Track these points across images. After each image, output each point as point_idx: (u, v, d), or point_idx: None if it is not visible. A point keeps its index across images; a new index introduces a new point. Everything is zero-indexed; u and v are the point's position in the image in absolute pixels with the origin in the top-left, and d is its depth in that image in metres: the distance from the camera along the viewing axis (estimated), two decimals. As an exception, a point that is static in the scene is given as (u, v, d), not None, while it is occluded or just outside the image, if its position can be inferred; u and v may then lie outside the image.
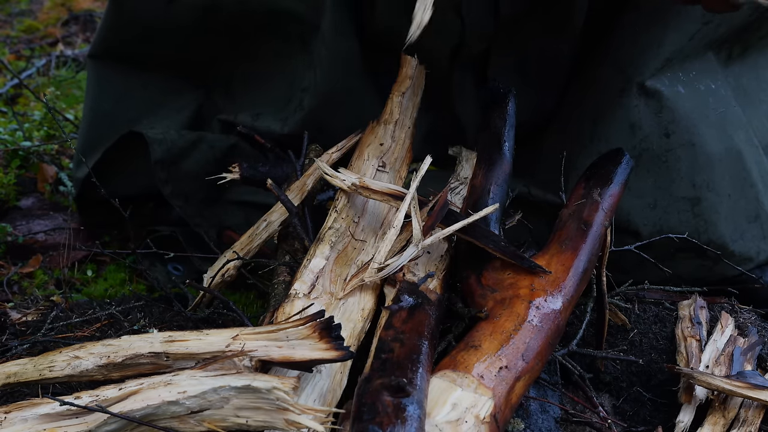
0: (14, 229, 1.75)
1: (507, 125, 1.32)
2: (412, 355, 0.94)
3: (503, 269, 1.14)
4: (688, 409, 1.20)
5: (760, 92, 1.54)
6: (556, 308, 1.07)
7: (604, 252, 1.24)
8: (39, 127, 2.12)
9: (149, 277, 1.52)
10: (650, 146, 1.39)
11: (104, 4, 3.31)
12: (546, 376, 1.24)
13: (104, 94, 1.64)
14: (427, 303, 1.07)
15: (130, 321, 1.38)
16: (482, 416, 0.89)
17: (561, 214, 1.23)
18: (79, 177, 1.64)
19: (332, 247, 1.16)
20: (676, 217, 1.41)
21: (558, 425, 1.18)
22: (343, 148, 1.41)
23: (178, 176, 1.55)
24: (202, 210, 1.59)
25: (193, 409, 0.87)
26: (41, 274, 1.63)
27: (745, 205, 1.44)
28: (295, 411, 0.85)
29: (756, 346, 1.33)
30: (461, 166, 1.41)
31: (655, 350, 1.35)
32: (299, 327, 0.92)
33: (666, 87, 1.38)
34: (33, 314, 1.40)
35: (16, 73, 2.42)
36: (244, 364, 0.91)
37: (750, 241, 1.46)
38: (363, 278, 1.10)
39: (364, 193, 1.20)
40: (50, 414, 0.89)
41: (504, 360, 0.97)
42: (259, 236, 1.36)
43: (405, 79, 1.44)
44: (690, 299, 1.41)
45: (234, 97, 1.66)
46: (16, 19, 3.27)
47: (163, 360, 0.94)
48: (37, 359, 0.99)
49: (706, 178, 1.40)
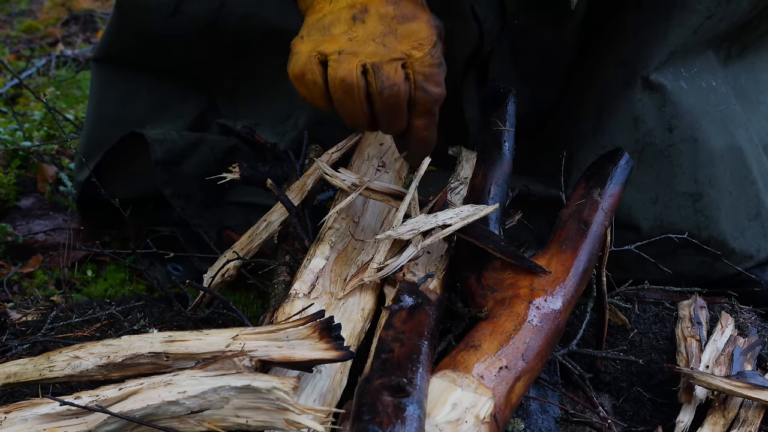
0: (14, 229, 1.75)
1: (507, 125, 1.32)
2: (412, 355, 0.94)
3: (503, 269, 1.14)
4: (688, 409, 1.20)
5: (758, 93, 1.54)
6: (556, 308, 1.07)
7: (604, 252, 1.24)
8: (39, 127, 2.12)
9: (149, 277, 1.52)
10: (653, 140, 1.39)
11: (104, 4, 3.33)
12: (546, 376, 1.24)
13: (108, 98, 1.64)
14: (427, 303, 1.07)
15: (130, 321, 1.38)
16: (482, 416, 0.89)
17: (561, 214, 1.23)
18: (80, 180, 1.64)
19: (332, 247, 1.16)
20: (678, 212, 1.41)
21: (558, 425, 1.18)
22: (343, 148, 1.41)
23: (178, 177, 1.55)
24: (202, 210, 1.59)
25: (193, 409, 0.87)
26: (41, 274, 1.63)
27: (746, 202, 1.44)
28: (295, 411, 0.86)
29: (756, 346, 1.33)
30: (461, 166, 1.41)
31: (655, 350, 1.35)
32: (299, 327, 0.92)
33: (669, 81, 1.38)
34: (33, 314, 1.40)
35: (16, 73, 2.42)
36: (244, 364, 0.91)
37: (750, 239, 1.46)
38: (363, 278, 1.10)
39: (364, 193, 1.20)
40: (50, 414, 0.89)
41: (504, 360, 0.97)
42: (259, 236, 1.35)
43: (405, 79, 1.44)
44: (690, 299, 1.41)
45: (236, 105, 1.67)
46: (16, 19, 3.27)
47: (163, 360, 0.94)
48: (37, 359, 0.99)
49: (708, 174, 1.40)
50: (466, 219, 1.14)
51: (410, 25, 1.02)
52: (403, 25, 1.01)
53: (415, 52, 1.01)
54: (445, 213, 1.14)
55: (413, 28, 1.02)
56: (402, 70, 1.01)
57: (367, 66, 1.01)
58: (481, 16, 1.40)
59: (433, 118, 1.06)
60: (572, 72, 1.52)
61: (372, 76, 1.01)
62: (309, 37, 1.04)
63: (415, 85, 1.02)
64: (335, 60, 1.01)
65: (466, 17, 1.39)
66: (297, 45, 1.06)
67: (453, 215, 1.14)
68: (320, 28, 1.04)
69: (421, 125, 1.06)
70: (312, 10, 1.08)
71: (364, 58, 1.00)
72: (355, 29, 1.02)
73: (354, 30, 1.02)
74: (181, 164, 1.55)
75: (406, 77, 1.02)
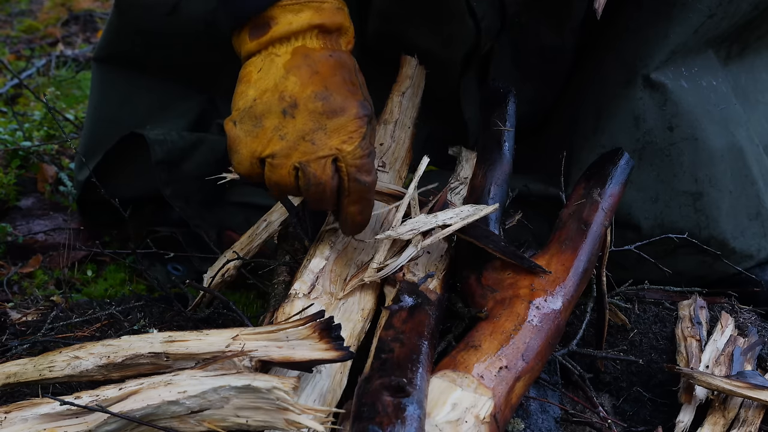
0: (14, 229, 1.75)
1: (507, 125, 1.32)
2: (412, 355, 0.94)
3: (503, 269, 1.14)
4: (688, 409, 1.20)
5: (757, 93, 1.55)
6: (556, 308, 1.07)
7: (604, 252, 1.24)
8: (39, 127, 2.12)
9: (149, 277, 1.52)
10: (654, 139, 1.39)
11: (104, 4, 3.33)
12: (546, 376, 1.24)
13: (108, 97, 1.64)
14: (427, 303, 1.07)
15: (130, 321, 1.38)
16: (482, 416, 0.89)
17: (561, 214, 1.23)
18: (80, 180, 1.64)
19: (332, 247, 1.16)
20: (678, 211, 1.41)
21: (558, 425, 1.18)
22: (343, 148, 1.41)
23: (178, 177, 1.55)
24: (202, 211, 1.59)
25: (193, 408, 0.87)
26: (41, 274, 1.63)
27: (746, 202, 1.44)
28: (295, 411, 0.86)
29: (756, 346, 1.33)
30: (461, 166, 1.41)
31: (655, 350, 1.35)
32: (299, 327, 0.92)
33: (670, 80, 1.38)
34: (33, 314, 1.40)
35: (16, 73, 2.42)
36: (244, 364, 0.91)
37: (750, 239, 1.46)
38: (363, 278, 1.10)
39: (364, 193, 1.19)
40: (50, 414, 0.89)
41: (504, 360, 0.97)
42: (259, 236, 1.35)
43: (405, 79, 1.44)
44: (690, 299, 1.42)
45: None
46: (16, 19, 3.27)
47: (163, 360, 0.94)
48: (37, 359, 0.99)
49: (708, 174, 1.40)
50: (466, 219, 1.14)
51: (338, 119, 1.04)
52: (332, 120, 1.04)
53: (345, 146, 1.04)
54: (445, 213, 1.14)
55: (341, 122, 1.04)
56: (331, 165, 1.05)
57: (297, 166, 1.05)
58: (478, 13, 1.40)
59: (367, 203, 1.10)
60: (572, 71, 1.52)
61: (301, 174, 1.05)
62: (242, 125, 1.07)
63: (348, 176, 1.06)
64: (270, 165, 1.06)
65: (461, 13, 1.39)
66: (232, 134, 1.08)
67: (453, 215, 1.14)
68: (252, 117, 1.06)
69: (355, 211, 1.10)
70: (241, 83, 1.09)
71: (295, 160, 1.04)
72: (285, 125, 1.04)
73: (285, 126, 1.05)
74: (181, 164, 1.55)
75: (337, 170, 1.05)
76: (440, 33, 1.45)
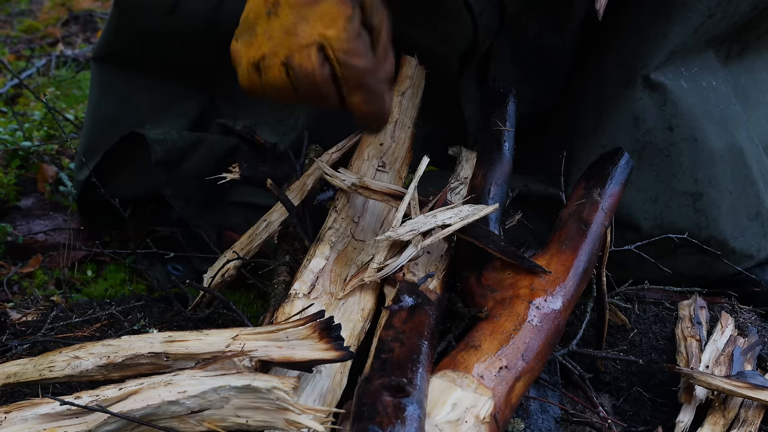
0: (14, 229, 1.75)
1: (507, 125, 1.32)
2: (412, 355, 0.94)
3: (503, 269, 1.14)
4: (688, 409, 1.20)
5: (757, 93, 1.54)
6: (556, 308, 1.07)
7: (604, 252, 1.24)
8: (39, 127, 2.12)
9: (149, 277, 1.52)
10: (653, 139, 1.39)
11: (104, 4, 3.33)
12: (546, 376, 1.24)
13: (108, 97, 1.64)
14: (427, 303, 1.07)
15: (130, 321, 1.38)
16: (482, 416, 0.89)
17: (561, 214, 1.23)
18: (80, 179, 1.64)
19: (332, 247, 1.16)
20: (678, 211, 1.41)
21: (558, 425, 1.18)
22: (343, 148, 1.41)
23: (178, 177, 1.55)
24: (202, 211, 1.59)
25: (193, 408, 0.87)
26: (41, 274, 1.63)
27: (746, 202, 1.44)
28: (295, 411, 0.86)
29: (756, 346, 1.33)
30: (461, 166, 1.41)
31: (655, 350, 1.35)
32: (299, 327, 0.92)
33: (670, 80, 1.38)
34: (33, 314, 1.40)
35: (16, 73, 2.42)
36: (244, 364, 0.91)
37: (750, 239, 1.46)
38: (363, 278, 1.10)
39: (364, 193, 1.20)
40: (50, 414, 0.89)
41: (504, 360, 0.97)
42: (259, 236, 1.35)
43: (405, 79, 1.44)
44: (690, 299, 1.42)
45: (236, 103, 1.66)
46: (16, 19, 3.27)
47: (163, 360, 0.94)
48: (37, 359, 0.99)
49: (708, 174, 1.40)
50: (465, 219, 1.14)
51: (319, 7, 1.02)
52: (313, 8, 1.02)
53: (329, 31, 1.01)
54: (445, 213, 1.14)
55: (322, 9, 1.02)
56: (318, 53, 1.02)
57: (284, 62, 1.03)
58: (476, 10, 1.40)
59: (368, 90, 1.06)
60: (572, 71, 1.52)
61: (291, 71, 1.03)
62: (242, 40, 1.07)
63: (338, 63, 1.03)
64: (263, 68, 1.04)
65: (458, 8, 1.39)
66: (234, 49, 1.09)
67: (453, 215, 1.14)
68: (248, 28, 1.07)
69: (358, 101, 1.06)
70: None
71: (282, 56, 1.02)
72: (271, 25, 1.03)
73: (271, 26, 1.03)
74: (181, 164, 1.55)
75: (326, 59, 1.02)
76: (437, 29, 1.45)
